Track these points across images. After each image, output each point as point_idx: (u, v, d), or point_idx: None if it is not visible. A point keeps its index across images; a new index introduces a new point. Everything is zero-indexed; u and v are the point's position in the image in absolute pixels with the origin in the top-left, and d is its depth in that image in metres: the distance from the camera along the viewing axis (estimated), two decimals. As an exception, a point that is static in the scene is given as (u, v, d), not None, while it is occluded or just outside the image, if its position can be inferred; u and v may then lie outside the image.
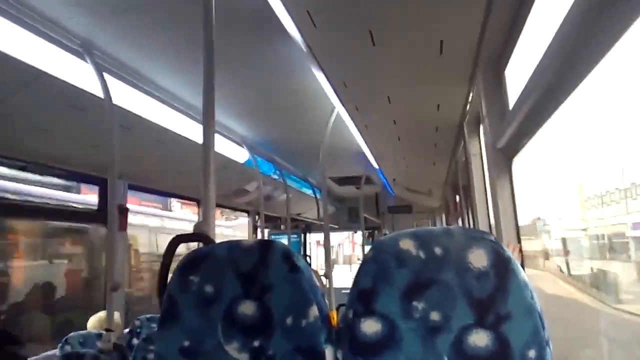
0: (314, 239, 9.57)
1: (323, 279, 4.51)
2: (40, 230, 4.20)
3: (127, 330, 3.06)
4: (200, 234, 1.70)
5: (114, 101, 2.65)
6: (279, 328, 1.09)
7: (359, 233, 9.12)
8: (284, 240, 4.88)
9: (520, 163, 2.11)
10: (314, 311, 1.08)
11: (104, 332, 2.54)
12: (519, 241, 2.08)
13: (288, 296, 1.10)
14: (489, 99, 2.17)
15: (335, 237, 9.00)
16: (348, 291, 1.08)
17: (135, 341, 2.84)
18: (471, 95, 2.64)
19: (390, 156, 4.77)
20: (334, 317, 3.84)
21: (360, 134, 3.83)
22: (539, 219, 2.50)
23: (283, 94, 3.45)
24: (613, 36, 1.09)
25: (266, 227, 7.20)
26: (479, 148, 3.05)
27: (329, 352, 1.06)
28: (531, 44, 1.69)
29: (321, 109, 3.63)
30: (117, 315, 2.77)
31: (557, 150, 1.96)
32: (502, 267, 0.98)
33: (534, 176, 2.19)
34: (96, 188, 3.42)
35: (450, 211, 6.30)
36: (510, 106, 1.99)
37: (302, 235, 8.62)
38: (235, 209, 6.28)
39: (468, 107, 2.87)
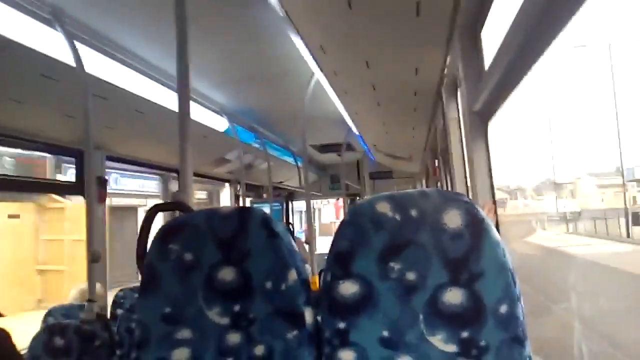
0: (299, 208, 9.59)
1: (305, 245, 4.56)
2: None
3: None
4: (178, 202, 1.70)
5: (87, 70, 2.59)
6: (259, 292, 1.11)
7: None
8: (266, 209, 4.90)
9: (495, 126, 2.14)
10: (292, 275, 1.11)
11: (86, 303, 2.56)
12: (494, 202, 2.13)
13: (267, 261, 1.12)
14: (465, 62, 2.18)
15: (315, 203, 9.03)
16: None
17: (119, 312, 2.87)
18: (449, 58, 2.64)
19: (370, 122, 4.77)
20: (316, 282, 3.91)
21: (340, 100, 3.82)
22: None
23: (261, 60, 3.41)
24: None
25: (248, 196, 7.21)
26: (457, 112, 3.07)
27: (308, 313, 1.10)
28: (506, 5, 1.69)
29: (300, 76, 3.60)
30: (99, 286, 2.78)
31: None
32: (475, 227, 1.01)
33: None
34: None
35: (430, 176, 6.37)
36: (486, 69, 2.00)
37: (285, 203, 8.66)
38: (216, 179, 6.25)
39: (446, 70, 2.88)
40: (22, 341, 2.14)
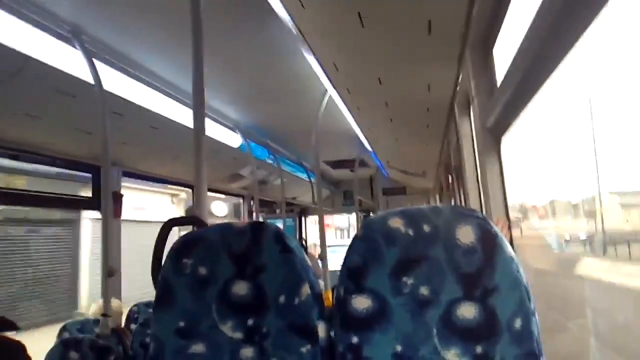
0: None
1: (319, 261, 4.55)
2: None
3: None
4: (193, 217, 1.72)
5: (105, 87, 2.65)
6: (273, 306, 1.11)
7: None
8: (279, 225, 4.90)
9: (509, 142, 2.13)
10: (306, 289, 1.11)
11: (100, 318, 2.57)
12: (508, 218, 2.12)
13: (281, 276, 1.12)
14: (477, 79, 2.18)
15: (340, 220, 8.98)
16: None
17: (133, 326, 2.88)
18: (461, 75, 2.65)
19: (383, 138, 4.78)
20: (329, 297, 3.89)
21: (353, 116, 3.84)
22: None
23: (275, 78, 3.45)
24: (593, 11, 1.10)
25: (261, 212, 7.22)
26: (470, 128, 3.07)
27: (321, 328, 1.09)
28: (517, 22, 1.70)
29: (313, 92, 3.63)
30: (117, 302, 2.79)
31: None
32: (489, 242, 1.01)
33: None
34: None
35: (444, 192, 6.33)
36: (498, 85, 2.00)
37: (298, 219, 8.66)
38: (229, 194, 6.28)
39: (458, 87, 2.88)
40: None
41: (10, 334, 1.62)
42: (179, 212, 11.92)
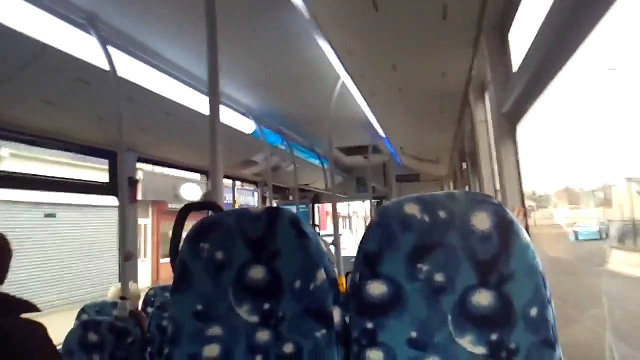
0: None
1: (332, 247, 4.57)
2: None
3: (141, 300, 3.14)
4: (210, 202, 1.74)
5: (120, 74, 2.67)
6: (289, 291, 1.13)
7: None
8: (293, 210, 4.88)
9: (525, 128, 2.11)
10: (321, 275, 1.12)
11: (119, 301, 2.62)
12: (524, 206, 2.10)
13: (296, 261, 1.14)
14: (493, 64, 2.16)
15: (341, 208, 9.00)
16: None
17: (150, 310, 2.93)
18: (476, 61, 2.62)
19: (397, 125, 4.76)
20: (343, 283, 3.91)
21: (367, 103, 3.82)
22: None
23: (288, 64, 3.44)
24: None
25: (275, 198, 7.26)
26: (485, 115, 3.04)
27: (336, 313, 1.10)
28: (534, 7, 1.68)
29: (327, 79, 3.62)
30: (134, 285, 2.84)
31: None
32: (505, 229, 1.01)
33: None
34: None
35: (458, 179, 6.30)
36: (515, 71, 1.98)
37: (311, 205, 8.68)
38: (243, 180, 6.31)
39: (473, 73, 2.85)
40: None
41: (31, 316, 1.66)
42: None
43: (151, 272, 13.89)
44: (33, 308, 1.62)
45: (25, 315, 1.59)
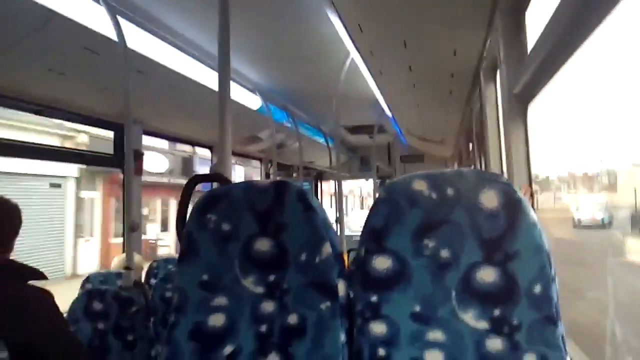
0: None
1: (334, 224, 4.59)
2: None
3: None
4: (217, 174, 1.74)
5: (128, 45, 2.64)
6: (294, 264, 1.14)
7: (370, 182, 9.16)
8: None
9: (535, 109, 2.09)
10: (327, 248, 1.12)
11: (123, 271, 2.64)
12: (531, 186, 2.10)
13: (302, 234, 1.14)
14: (507, 43, 2.13)
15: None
16: (358, 238, 1.12)
17: (152, 281, 2.96)
18: (489, 39, 2.58)
19: (404, 104, 4.73)
20: (345, 260, 3.93)
21: (375, 81, 3.79)
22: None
23: (297, 39, 3.40)
24: None
25: (278, 175, 7.27)
26: (495, 94, 3.01)
27: (341, 286, 1.11)
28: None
29: (336, 55, 3.58)
30: (137, 256, 2.86)
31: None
32: (512, 207, 1.01)
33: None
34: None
35: (463, 159, 6.29)
36: (529, 50, 1.96)
37: (314, 182, 8.70)
38: (248, 156, 6.31)
39: (485, 52, 2.82)
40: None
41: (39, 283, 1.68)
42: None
43: (100, 253, 12.46)
44: (41, 275, 1.64)
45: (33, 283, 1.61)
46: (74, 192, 12.02)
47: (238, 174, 12.58)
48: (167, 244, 14.23)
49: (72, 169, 11.35)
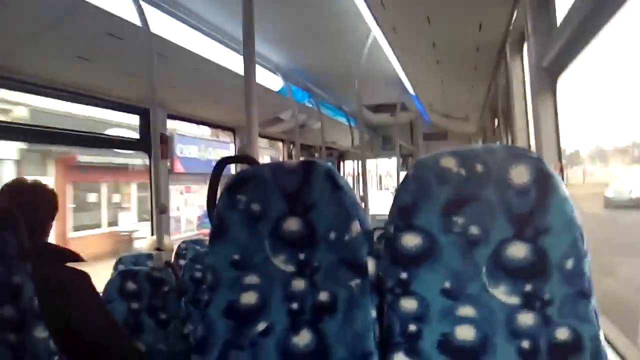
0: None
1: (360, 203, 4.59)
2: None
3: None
4: (246, 155, 1.75)
5: (152, 29, 2.66)
6: (323, 242, 1.15)
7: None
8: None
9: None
10: (356, 226, 1.13)
11: (154, 252, 2.70)
12: (561, 161, 2.07)
13: (331, 213, 1.15)
14: (535, 15, 2.07)
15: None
16: (382, 218, 1.12)
17: (181, 262, 3.02)
18: (516, 12, 2.52)
19: (427, 81, 4.67)
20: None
21: (397, 58, 3.75)
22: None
23: (318, 18, 3.37)
24: None
25: (301, 156, 7.29)
26: (522, 68, 2.95)
27: (370, 263, 1.12)
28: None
29: (357, 33, 3.54)
30: (168, 238, 2.92)
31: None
32: (543, 183, 1.00)
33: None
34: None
35: (488, 136, 6.21)
36: (558, 22, 1.91)
37: (337, 162, 8.69)
38: (270, 138, 6.33)
39: (512, 25, 2.75)
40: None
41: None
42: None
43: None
44: (79, 257, 1.69)
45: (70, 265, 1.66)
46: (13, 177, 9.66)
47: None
48: (144, 236, 12.57)
49: (9, 149, 9.08)
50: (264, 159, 6.81)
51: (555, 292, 0.99)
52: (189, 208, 14.05)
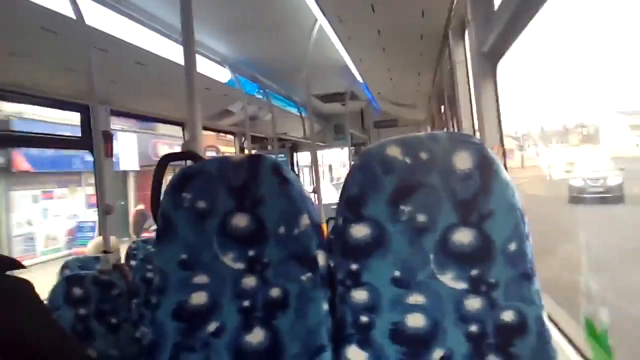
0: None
1: (312, 195, 4.60)
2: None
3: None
4: (189, 152, 1.71)
5: (87, 22, 2.54)
6: (273, 237, 1.14)
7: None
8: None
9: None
10: (305, 220, 1.12)
11: (101, 255, 2.61)
12: (502, 146, 2.13)
13: (279, 207, 1.14)
14: (475, 2, 2.12)
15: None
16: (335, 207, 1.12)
17: (132, 262, 2.94)
18: (456, -1, 2.57)
19: (374, 69, 4.70)
20: (324, 230, 3.95)
21: (344, 47, 3.75)
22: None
23: (263, 8, 3.32)
24: None
25: (253, 148, 7.22)
26: (464, 54, 3.01)
27: (321, 257, 1.12)
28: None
29: (303, 23, 3.51)
30: (113, 238, 2.83)
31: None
32: (485, 168, 1.02)
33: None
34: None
35: (436, 122, 6.33)
36: (495, 9, 1.95)
37: (290, 154, 8.66)
38: (220, 131, 6.23)
39: (453, 12, 2.80)
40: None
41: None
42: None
43: None
44: (19, 265, 1.61)
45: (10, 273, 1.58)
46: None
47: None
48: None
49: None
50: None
51: (499, 276, 1.02)
52: (51, 220, 10.06)
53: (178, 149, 1.87)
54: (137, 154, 11.73)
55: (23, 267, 1.64)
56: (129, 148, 11.33)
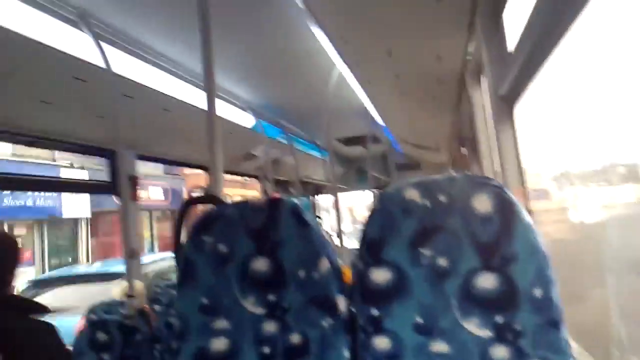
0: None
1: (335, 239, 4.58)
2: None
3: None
4: (211, 195, 1.74)
5: (114, 70, 2.66)
6: (292, 282, 1.14)
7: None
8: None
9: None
10: (324, 263, 1.12)
11: (125, 299, 2.62)
12: (524, 187, 2.10)
13: (299, 251, 1.14)
14: (488, 46, 2.15)
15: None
16: None
17: (157, 307, 2.94)
18: (471, 43, 2.61)
19: (394, 113, 4.75)
20: (348, 274, 3.90)
21: (364, 91, 3.81)
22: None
23: (283, 55, 3.42)
24: None
25: (276, 191, 7.25)
26: (482, 97, 3.03)
27: (341, 301, 1.11)
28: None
29: (323, 68, 3.59)
30: (139, 283, 2.85)
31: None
32: (506, 210, 1.01)
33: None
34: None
35: (458, 165, 6.29)
36: (510, 52, 1.97)
37: (312, 197, 8.68)
38: (244, 175, 6.30)
39: (468, 56, 2.84)
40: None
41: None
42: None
43: None
44: (44, 309, 1.64)
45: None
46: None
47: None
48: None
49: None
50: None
51: (526, 323, 0.98)
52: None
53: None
54: (89, 197, 10.77)
55: (48, 310, 1.67)
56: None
